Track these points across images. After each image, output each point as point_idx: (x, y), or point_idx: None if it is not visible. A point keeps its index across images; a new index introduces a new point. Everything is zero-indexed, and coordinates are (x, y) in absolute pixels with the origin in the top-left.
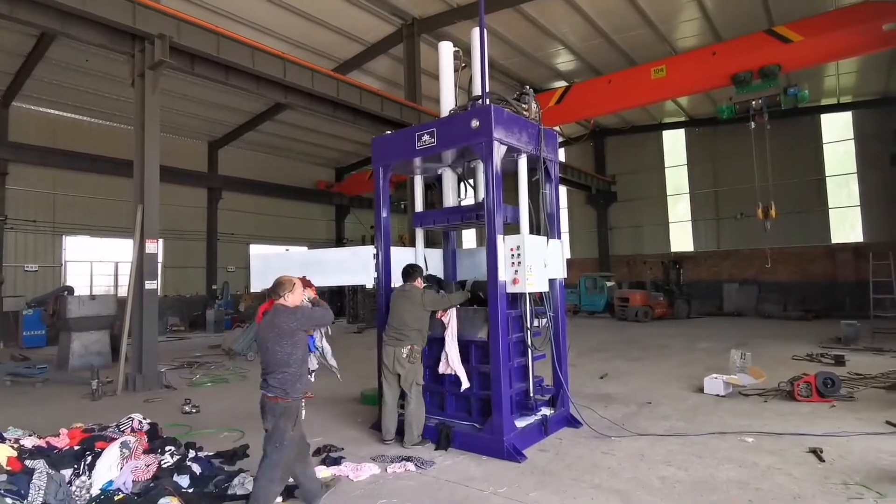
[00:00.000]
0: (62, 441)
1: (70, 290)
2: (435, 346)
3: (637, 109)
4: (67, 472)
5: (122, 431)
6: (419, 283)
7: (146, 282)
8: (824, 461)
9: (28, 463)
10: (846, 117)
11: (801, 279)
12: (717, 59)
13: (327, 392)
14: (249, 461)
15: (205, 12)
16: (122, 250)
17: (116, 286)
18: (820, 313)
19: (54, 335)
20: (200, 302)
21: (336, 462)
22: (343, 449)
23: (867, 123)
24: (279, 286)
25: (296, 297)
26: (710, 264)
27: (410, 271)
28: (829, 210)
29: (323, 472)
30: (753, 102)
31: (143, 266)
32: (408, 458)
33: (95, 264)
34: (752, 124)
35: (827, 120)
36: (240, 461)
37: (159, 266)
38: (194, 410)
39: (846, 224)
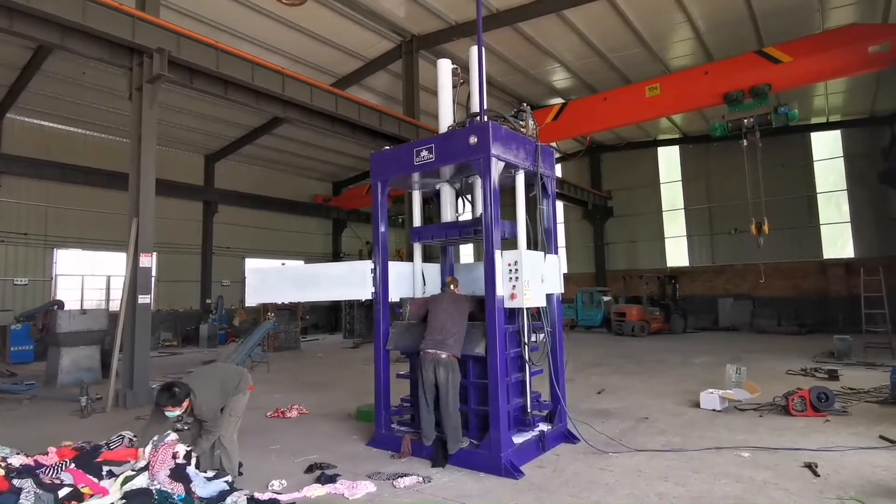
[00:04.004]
0: (51, 459)
1: (60, 304)
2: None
3: (632, 126)
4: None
5: (112, 449)
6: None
7: (139, 296)
8: (819, 476)
9: (15, 482)
10: (835, 136)
11: (795, 294)
12: (709, 78)
13: (322, 409)
14: (243, 480)
15: (204, 27)
16: (114, 264)
17: (108, 300)
18: (813, 328)
19: (43, 350)
20: (194, 316)
21: (331, 480)
22: (338, 466)
23: (855, 142)
24: (452, 281)
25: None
26: (706, 279)
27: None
28: (821, 226)
29: (317, 490)
30: (745, 121)
31: (136, 280)
32: (404, 475)
33: (87, 278)
34: (745, 142)
35: (817, 138)
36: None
37: (153, 280)
38: (186, 428)
39: (837, 240)
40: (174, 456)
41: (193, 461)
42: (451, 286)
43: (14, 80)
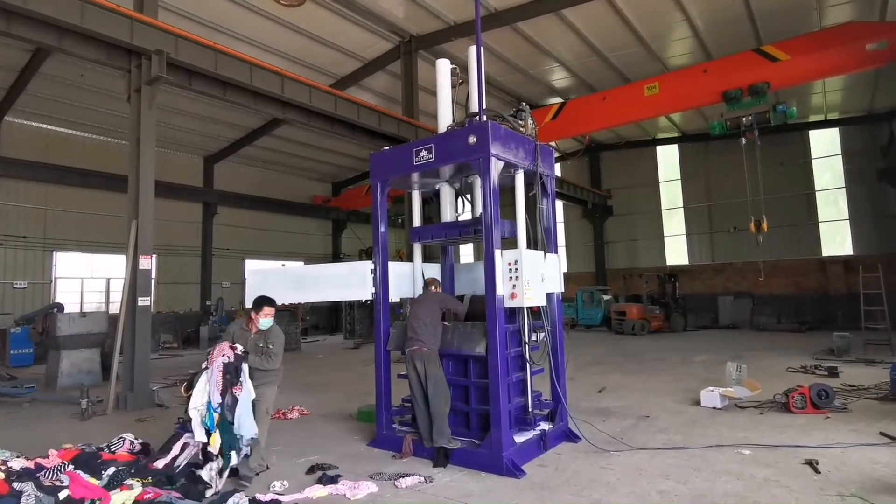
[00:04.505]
0: (51, 462)
1: (60, 307)
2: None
3: (631, 125)
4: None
5: (114, 452)
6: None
7: (139, 298)
8: (820, 473)
9: (16, 485)
10: (833, 133)
11: (794, 292)
12: (708, 76)
13: (323, 410)
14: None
15: (203, 28)
16: (114, 266)
17: (108, 303)
18: (813, 325)
19: (43, 354)
20: (194, 318)
21: (333, 480)
22: (339, 467)
23: (853, 140)
24: (430, 282)
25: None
26: (705, 277)
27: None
28: (820, 224)
29: (319, 491)
30: (744, 119)
31: (136, 282)
32: (406, 475)
33: (86, 281)
34: (743, 140)
35: (815, 136)
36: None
37: (152, 282)
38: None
39: (836, 238)
40: (232, 348)
41: (246, 368)
42: (430, 287)
43: (12, 83)
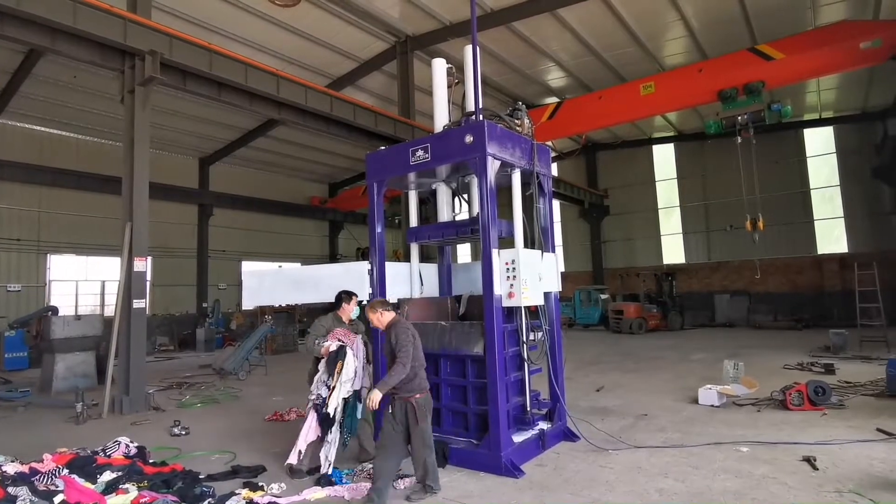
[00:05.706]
0: (46, 466)
1: (54, 310)
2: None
3: (627, 124)
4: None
5: (109, 456)
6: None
7: (134, 301)
8: (818, 469)
9: (10, 490)
10: (828, 132)
11: (790, 289)
12: (703, 75)
13: None
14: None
15: (197, 29)
16: (108, 269)
17: (103, 305)
18: (809, 323)
19: (37, 357)
20: (190, 320)
21: (331, 482)
22: (338, 469)
23: (848, 138)
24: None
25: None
26: (702, 276)
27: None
28: (815, 222)
29: (318, 493)
30: (739, 118)
31: (131, 285)
32: (405, 476)
33: (81, 283)
34: (739, 139)
35: (810, 134)
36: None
37: (148, 284)
38: (183, 433)
39: (832, 235)
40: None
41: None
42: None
43: (5, 85)
